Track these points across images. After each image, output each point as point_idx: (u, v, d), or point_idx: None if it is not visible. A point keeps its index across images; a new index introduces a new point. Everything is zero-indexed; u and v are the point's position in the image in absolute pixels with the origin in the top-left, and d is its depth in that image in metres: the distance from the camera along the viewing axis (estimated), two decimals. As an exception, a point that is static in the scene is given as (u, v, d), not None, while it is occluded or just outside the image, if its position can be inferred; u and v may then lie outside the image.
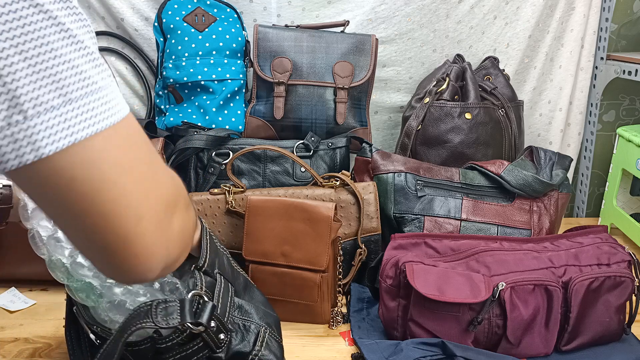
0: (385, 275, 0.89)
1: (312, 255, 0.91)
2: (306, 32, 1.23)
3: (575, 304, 0.84)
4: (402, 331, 0.88)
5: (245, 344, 0.67)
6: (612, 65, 1.33)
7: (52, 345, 0.90)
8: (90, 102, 0.40)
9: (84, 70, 0.40)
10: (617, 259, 0.89)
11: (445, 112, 1.17)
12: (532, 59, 1.37)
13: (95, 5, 1.27)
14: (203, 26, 1.20)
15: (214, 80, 1.20)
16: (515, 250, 0.90)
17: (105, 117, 0.41)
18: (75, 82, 0.39)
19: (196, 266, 0.67)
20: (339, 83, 1.20)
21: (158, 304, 0.59)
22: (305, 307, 0.94)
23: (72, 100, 0.39)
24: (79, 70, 0.39)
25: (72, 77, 0.39)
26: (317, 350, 0.90)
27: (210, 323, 0.61)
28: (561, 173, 1.07)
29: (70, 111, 0.39)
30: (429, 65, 1.33)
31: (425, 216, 1.05)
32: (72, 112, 0.39)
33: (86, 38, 0.41)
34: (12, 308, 0.99)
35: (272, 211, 0.94)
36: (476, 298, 0.81)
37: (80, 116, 0.39)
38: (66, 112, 0.39)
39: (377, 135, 1.39)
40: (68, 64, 0.39)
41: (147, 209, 0.43)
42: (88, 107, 0.40)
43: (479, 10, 1.32)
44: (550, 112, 1.41)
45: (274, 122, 1.22)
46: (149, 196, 0.43)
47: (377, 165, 1.09)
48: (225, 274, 0.71)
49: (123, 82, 1.31)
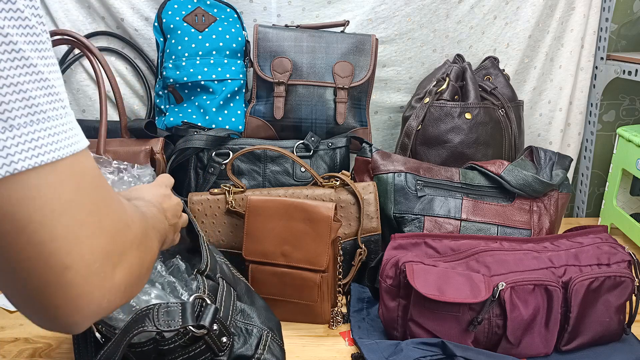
0: (385, 275, 0.89)
1: (312, 255, 0.91)
2: (306, 32, 1.23)
3: (575, 304, 0.84)
4: (402, 331, 0.88)
5: (247, 348, 0.67)
6: (612, 65, 1.33)
7: (52, 345, 0.90)
8: (35, 132, 0.36)
9: (32, 97, 0.36)
10: (617, 259, 0.89)
11: (445, 112, 1.17)
12: (532, 59, 1.37)
13: (95, 5, 1.27)
14: (203, 26, 1.20)
15: (214, 80, 1.20)
16: (515, 250, 0.90)
17: (48, 150, 0.37)
18: (19, 107, 0.36)
19: (198, 270, 0.67)
20: (339, 83, 1.20)
21: (160, 307, 0.59)
22: (305, 307, 0.94)
23: (14, 127, 0.35)
24: (26, 96, 0.36)
25: (17, 102, 0.35)
26: (317, 350, 0.90)
27: (213, 326, 0.61)
28: (561, 173, 1.07)
29: (11, 139, 0.35)
30: (429, 65, 1.33)
31: (425, 216, 1.05)
32: (12, 139, 0.35)
33: (39, 62, 0.37)
34: (12, 308, 0.99)
35: (272, 211, 0.94)
36: (476, 298, 0.81)
37: (19, 146, 0.36)
38: (5, 139, 0.35)
39: (377, 135, 1.39)
40: (14, 87, 0.36)
41: (77, 259, 0.39)
42: (32, 137, 0.36)
43: (479, 10, 1.32)
44: (550, 112, 1.41)
45: (274, 122, 1.22)
46: (82, 245, 0.39)
47: (377, 165, 1.09)
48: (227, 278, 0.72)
49: (123, 82, 1.31)
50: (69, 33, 1.11)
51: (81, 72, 1.30)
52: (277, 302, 0.93)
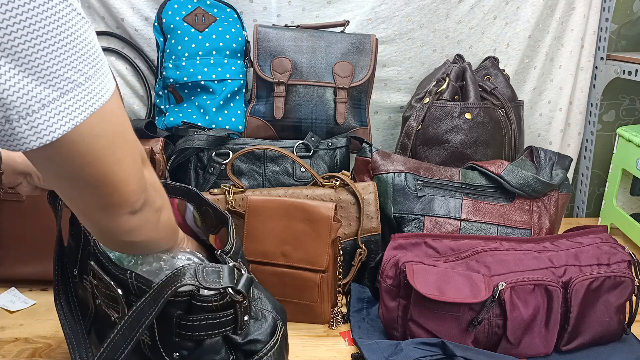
0: (385, 275, 0.89)
1: (312, 255, 0.91)
2: (306, 32, 1.23)
3: (575, 304, 0.84)
4: (402, 331, 0.88)
5: (261, 333, 0.67)
6: (612, 65, 1.33)
7: (52, 345, 0.90)
8: (82, 91, 0.46)
9: (77, 66, 0.46)
10: (617, 259, 0.89)
11: (445, 112, 1.17)
12: (532, 59, 1.37)
13: (95, 5, 1.27)
14: (203, 26, 1.20)
15: (214, 80, 1.20)
16: (515, 250, 0.90)
17: (92, 102, 0.47)
18: (68, 77, 0.45)
19: (223, 250, 0.68)
20: (339, 83, 1.20)
21: (202, 266, 0.60)
22: (305, 307, 0.94)
23: (68, 92, 0.45)
24: (74, 65, 0.45)
25: (68, 72, 0.45)
26: (317, 350, 0.90)
27: (249, 293, 0.62)
28: (561, 173, 1.07)
29: (68, 100, 0.45)
30: (429, 65, 1.33)
31: (425, 216, 1.05)
32: (69, 100, 0.45)
33: (88, 29, 0.47)
34: (12, 308, 0.99)
35: (272, 211, 0.94)
36: (476, 298, 0.81)
37: (74, 105, 0.46)
38: (65, 101, 0.45)
39: (377, 135, 1.39)
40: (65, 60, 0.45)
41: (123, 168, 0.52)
42: (81, 96, 0.46)
43: (479, 10, 1.32)
44: (550, 112, 1.41)
45: (274, 122, 1.22)
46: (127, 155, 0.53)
47: (377, 165, 1.09)
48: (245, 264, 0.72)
49: (123, 82, 1.31)
50: (69, 33, 1.11)
51: (81, 72, 1.30)
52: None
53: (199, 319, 0.61)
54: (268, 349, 0.67)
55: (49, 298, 1.03)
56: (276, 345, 0.68)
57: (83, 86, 0.46)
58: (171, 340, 0.62)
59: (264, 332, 0.68)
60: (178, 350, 0.63)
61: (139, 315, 0.58)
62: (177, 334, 0.62)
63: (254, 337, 0.66)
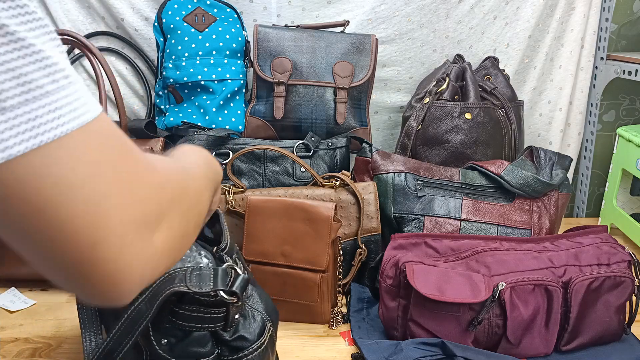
0: (385, 275, 0.89)
1: (312, 255, 0.91)
2: (306, 32, 1.23)
3: (575, 304, 0.84)
4: (402, 331, 0.88)
5: (249, 332, 0.68)
6: (612, 65, 1.33)
7: (52, 345, 0.90)
8: (32, 111, 0.33)
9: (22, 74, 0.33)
10: (617, 259, 0.89)
11: (445, 112, 1.17)
12: (532, 59, 1.37)
13: (95, 5, 1.27)
14: (203, 26, 1.20)
15: (214, 80, 1.20)
16: (515, 250, 0.90)
17: (48, 128, 0.34)
18: (9, 87, 0.32)
19: (218, 247, 0.69)
20: (339, 83, 1.20)
21: (192, 270, 0.61)
22: (305, 307, 0.94)
23: (6, 110, 0.32)
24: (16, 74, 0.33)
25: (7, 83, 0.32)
26: (317, 350, 0.90)
27: (243, 294, 0.63)
28: (561, 173, 1.07)
29: (4, 122, 0.32)
30: (429, 65, 1.33)
31: (425, 216, 1.05)
32: (4, 123, 0.32)
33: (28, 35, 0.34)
34: (12, 308, 0.99)
35: (272, 211, 0.94)
36: (476, 298, 0.81)
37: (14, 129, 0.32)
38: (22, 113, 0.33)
39: (377, 135, 1.39)
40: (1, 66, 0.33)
41: (107, 233, 0.35)
42: (27, 117, 0.33)
43: (479, 10, 1.32)
44: (550, 112, 1.41)
45: (274, 122, 1.22)
46: (109, 217, 0.36)
47: (377, 165, 1.09)
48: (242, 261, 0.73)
49: (123, 82, 1.31)
50: (69, 33, 1.11)
51: (81, 72, 1.30)
52: (277, 302, 0.92)
53: (190, 310, 0.62)
54: (254, 348, 0.67)
55: (49, 298, 1.03)
56: (263, 346, 0.68)
57: (37, 102, 0.33)
58: (162, 326, 0.63)
59: (253, 332, 0.68)
60: (167, 337, 0.64)
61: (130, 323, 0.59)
62: (168, 320, 0.63)
63: (241, 335, 0.67)
